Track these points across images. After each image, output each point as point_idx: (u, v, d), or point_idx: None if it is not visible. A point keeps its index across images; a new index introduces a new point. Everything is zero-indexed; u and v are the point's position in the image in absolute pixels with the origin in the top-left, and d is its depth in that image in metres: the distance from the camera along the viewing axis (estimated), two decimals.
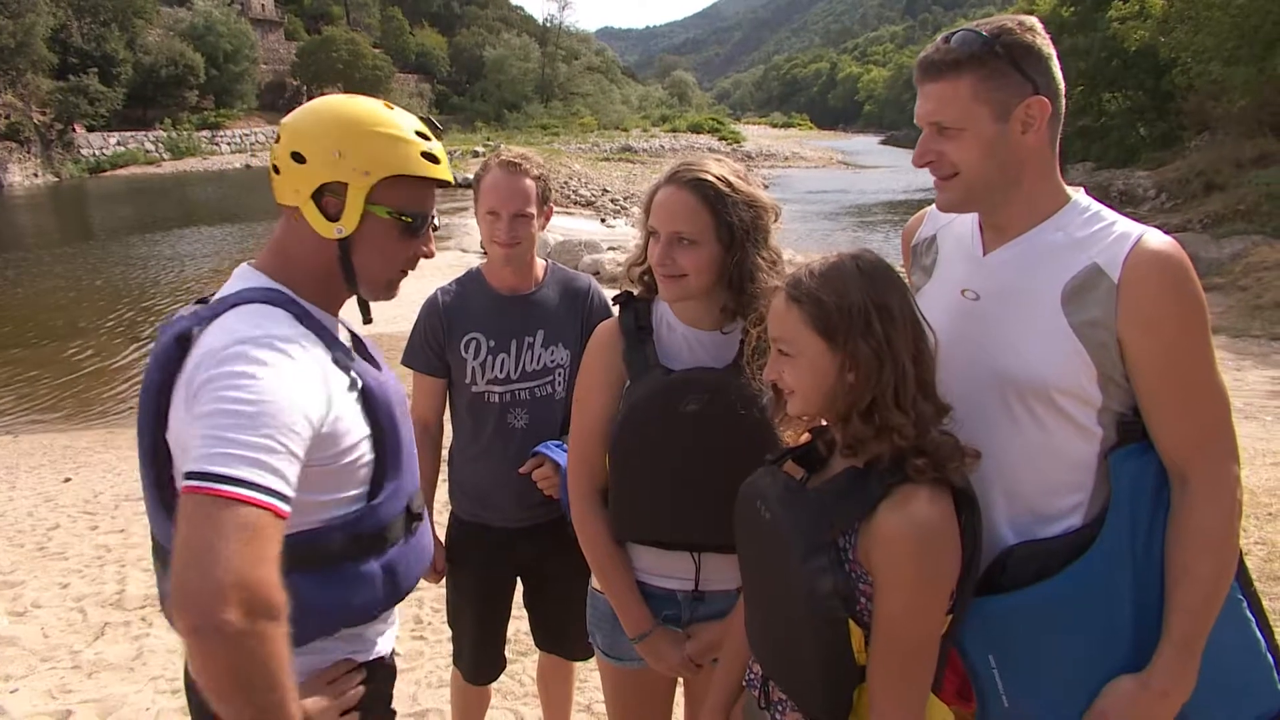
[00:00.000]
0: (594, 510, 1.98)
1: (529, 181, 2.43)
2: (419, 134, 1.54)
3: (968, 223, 1.75)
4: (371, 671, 1.62)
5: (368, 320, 1.67)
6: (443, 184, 1.58)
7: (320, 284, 1.57)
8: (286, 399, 1.28)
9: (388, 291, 1.62)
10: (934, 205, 1.83)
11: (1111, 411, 1.57)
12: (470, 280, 2.57)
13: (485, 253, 2.56)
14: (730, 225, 1.82)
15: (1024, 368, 1.58)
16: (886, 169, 52.93)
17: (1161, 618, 1.53)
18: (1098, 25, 23.52)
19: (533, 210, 2.43)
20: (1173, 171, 19.95)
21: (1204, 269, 12.38)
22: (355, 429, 1.47)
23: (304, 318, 1.48)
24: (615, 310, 2.04)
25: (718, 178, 1.83)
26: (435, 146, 1.56)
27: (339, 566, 1.48)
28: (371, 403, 1.52)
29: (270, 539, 1.20)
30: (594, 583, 2.08)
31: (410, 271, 1.62)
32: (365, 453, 1.50)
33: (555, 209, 2.66)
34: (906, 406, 1.44)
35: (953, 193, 1.63)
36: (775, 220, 1.90)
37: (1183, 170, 19.54)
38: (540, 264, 2.57)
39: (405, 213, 1.54)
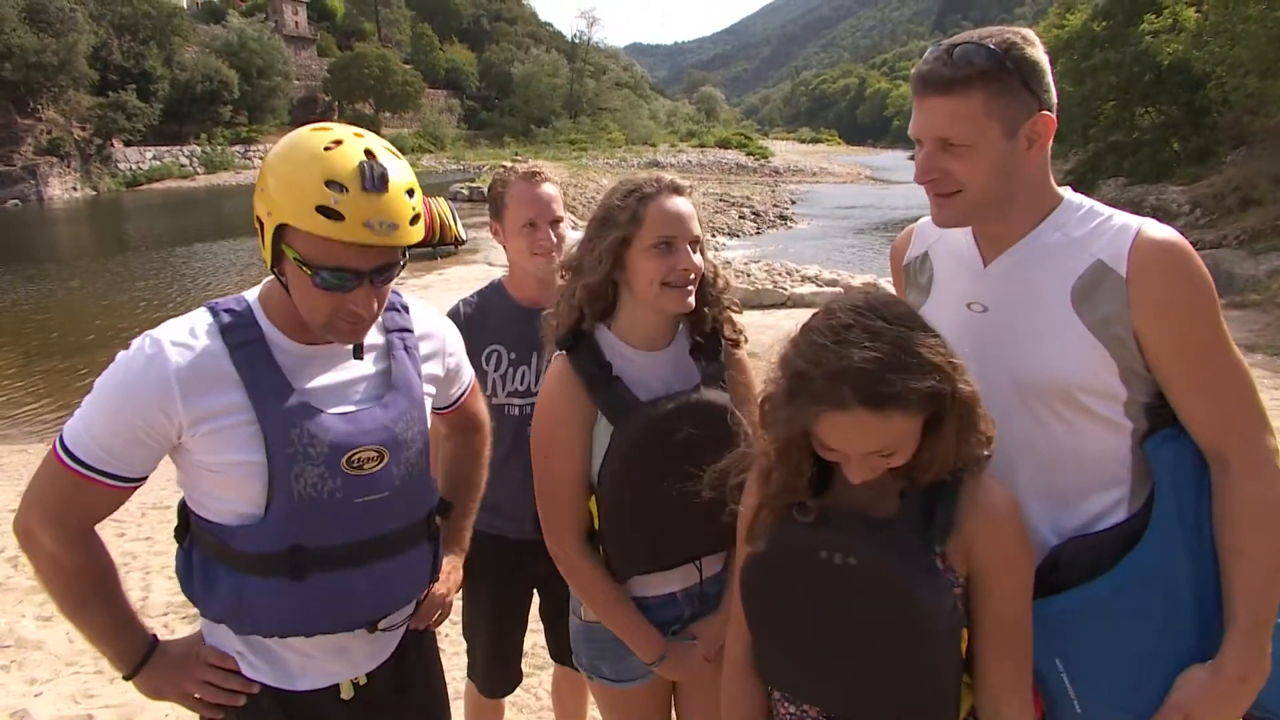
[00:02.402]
0: (585, 554, 1.92)
1: (552, 187, 2.44)
2: (332, 183, 1.38)
3: (961, 236, 1.73)
4: (264, 695, 1.63)
5: (358, 356, 1.61)
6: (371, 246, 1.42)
7: (290, 311, 1.55)
8: (125, 389, 1.47)
9: (329, 334, 1.52)
10: (920, 223, 1.84)
11: (1138, 403, 1.55)
12: (492, 292, 2.56)
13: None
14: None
15: (1044, 372, 1.56)
16: (916, 184, 52.57)
17: (1225, 602, 1.50)
18: (1130, 39, 23.26)
19: (563, 213, 2.45)
20: (1207, 187, 19.65)
21: (1240, 286, 12.17)
22: (239, 449, 1.49)
23: (234, 332, 1.51)
24: (556, 358, 1.95)
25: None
26: (346, 199, 1.38)
27: (212, 563, 1.58)
28: (264, 435, 1.49)
29: (64, 493, 1.51)
30: (584, 616, 2.03)
31: (355, 327, 1.51)
32: (254, 476, 1.50)
33: (582, 223, 2.67)
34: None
35: (953, 210, 1.60)
36: None
37: (1218, 185, 19.24)
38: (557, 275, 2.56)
39: (306, 264, 1.43)
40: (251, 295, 1.60)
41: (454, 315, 2.50)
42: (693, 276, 1.84)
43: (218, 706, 1.65)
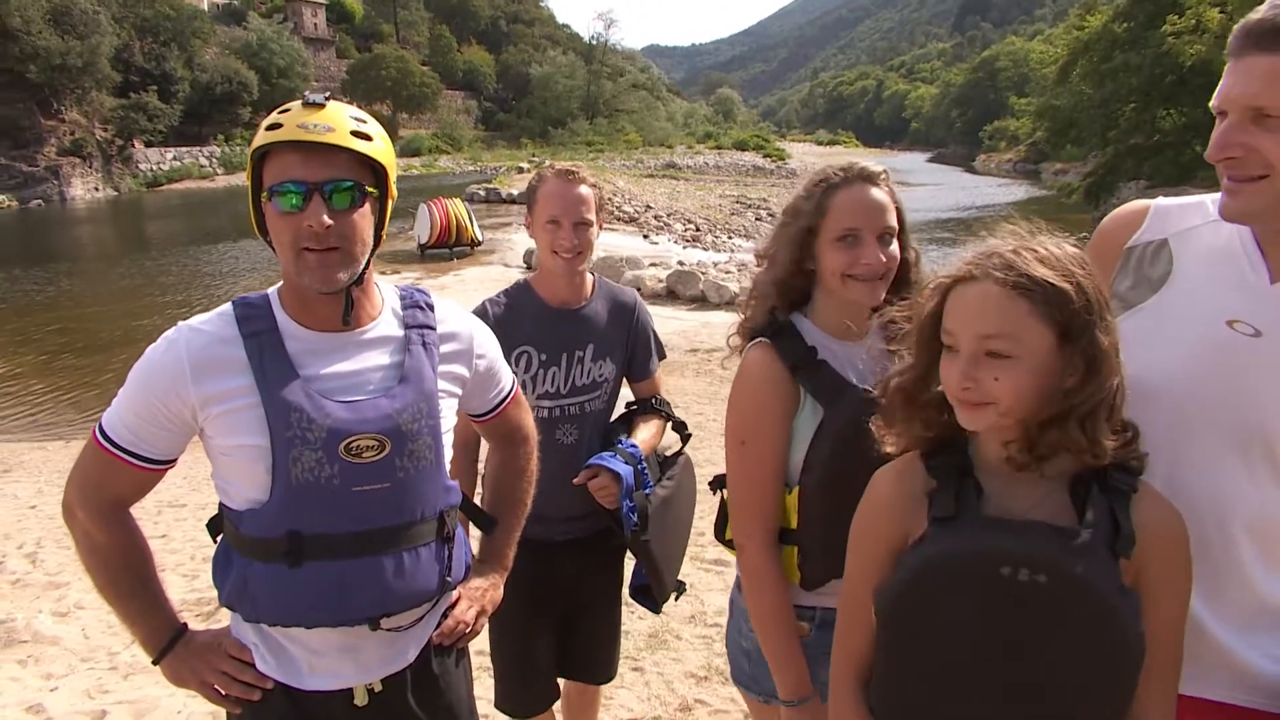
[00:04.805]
0: (771, 556, 1.81)
1: (586, 189, 2.41)
2: (282, 110, 1.54)
3: (1227, 236, 1.45)
4: (278, 692, 1.65)
5: (345, 321, 1.61)
6: (307, 145, 1.49)
7: (295, 294, 1.61)
8: (146, 373, 1.57)
9: (303, 275, 1.54)
10: (1160, 203, 1.58)
11: None
12: (519, 292, 2.52)
13: (527, 266, 2.53)
14: (903, 220, 1.82)
15: None
16: (934, 186, 52.43)
17: None
18: (1151, 41, 23.09)
19: (592, 217, 2.42)
20: None
21: None
22: (246, 432, 1.53)
23: (249, 321, 1.57)
24: (755, 345, 1.88)
25: (885, 172, 1.83)
26: (287, 115, 1.52)
27: (228, 548, 1.64)
28: (267, 419, 1.52)
29: (96, 471, 1.61)
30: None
31: (316, 250, 1.51)
32: (259, 459, 1.53)
33: (608, 228, 2.65)
34: (1118, 417, 1.29)
35: (1254, 199, 1.32)
36: None
37: None
38: (589, 277, 2.55)
39: (265, 191, 1.53)
40: (273, 290, 1.65)
41: (480, 316, 2.43)
42: (880, 270, 1.77)
43: (235, 699, 1.66)
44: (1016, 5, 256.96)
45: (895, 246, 1.79)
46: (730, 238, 24.33)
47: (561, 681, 2.73)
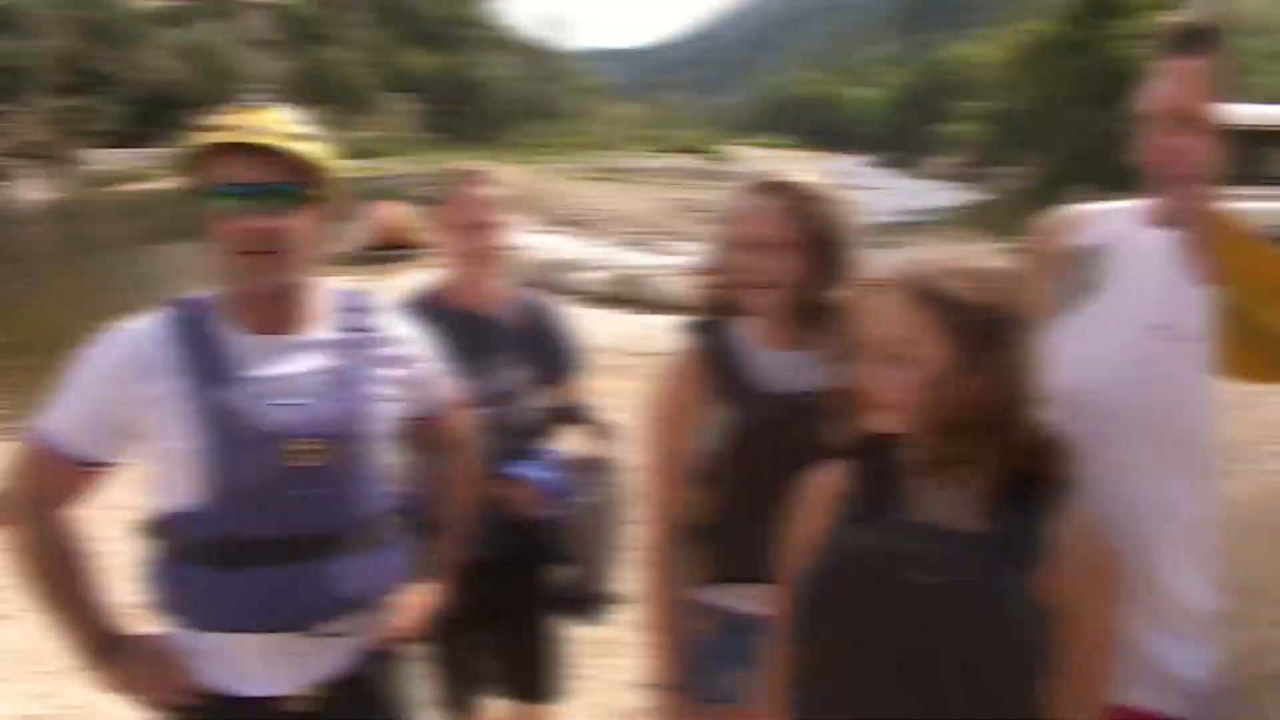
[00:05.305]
0: (666, 547, 1.88)
1: (492, 191, 2.35)
2: (223, 114, 1.56)
3: (1157, 241, 1.46)
4: (211, 698, 1.61)
5: (283, 324, 1.63)
6: (246, 148, 1.50)
7: (232, 296, 1.61)
8: (80, 376, 1.58)
9: (240, 278, 1.56)
10: (1091, 207, 1.63)
11: None
12: (425, 300, 2.39)
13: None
14: (816, 232, 1.76)
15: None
16: (877, 190, 53.04)
17: None
18: (1097, 46, 23.30)
19: (497, 221, 2.35)
20: None
21: None
22: (179, 434, 1.52)
23: (186, 322, 1.58)
24: (678, 338, 1.94)
25: (800, 183, 1.80)
26: (224, 119, 1.54)
27: (159, 553, 1.61)
28: (201, 421, 1.51)
29: (30, 470, 1.61)
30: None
31: (253, 253, 1.52)
32: (192, 462, 1.52)
33: (541, 228, 2.60)
34: (1023, 424, 1.29)
35: (1177, 202, 1.37)
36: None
37: None
38: (497, 283, 2.47)
39: (204, 193, 1.54)
40: (210, 291, 1.65)
41: None
42: (739, 279, 1.78)
43: (170, 706, 1.64)
44: (965, 10, 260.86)
45: (779, 260, 1.75)
46: (673, 241, 24.32)
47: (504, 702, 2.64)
